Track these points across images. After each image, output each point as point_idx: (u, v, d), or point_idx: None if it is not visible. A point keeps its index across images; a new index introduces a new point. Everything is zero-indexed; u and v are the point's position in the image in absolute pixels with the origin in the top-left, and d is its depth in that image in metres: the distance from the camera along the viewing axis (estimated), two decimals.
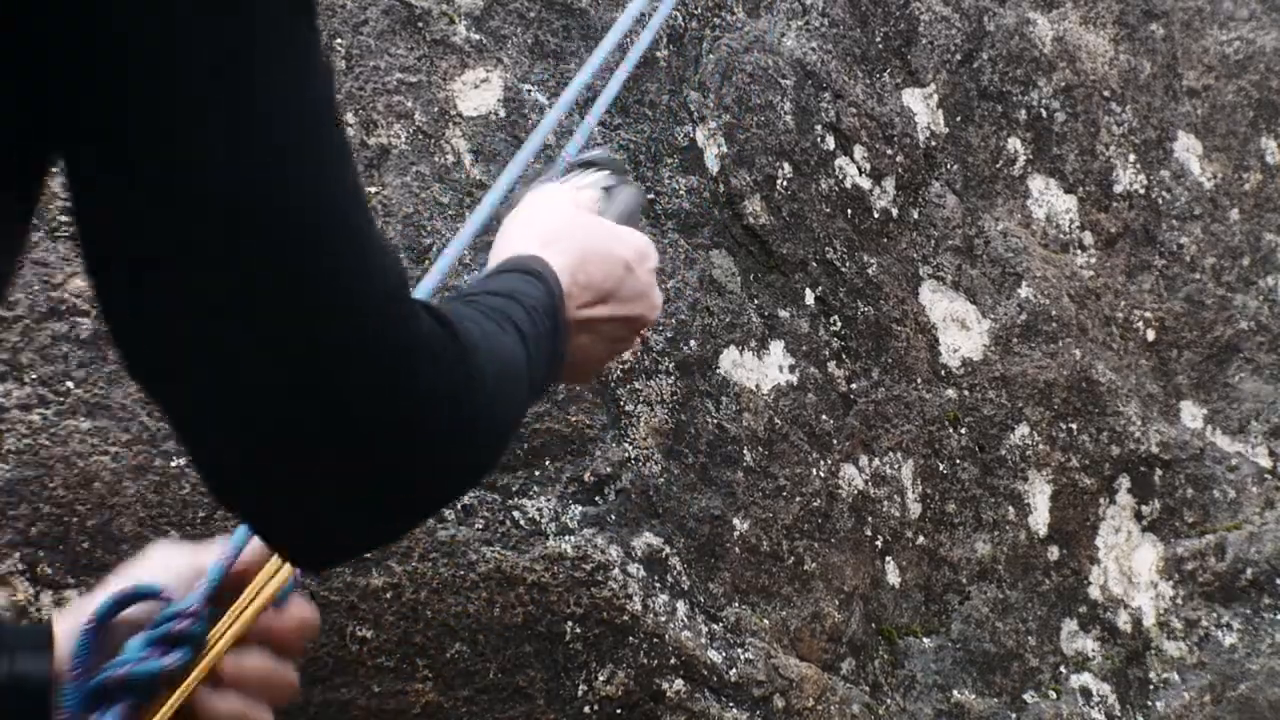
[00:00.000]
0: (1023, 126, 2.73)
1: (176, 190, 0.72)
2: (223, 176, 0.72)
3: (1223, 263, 2.92)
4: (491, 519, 1.87)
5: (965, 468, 2.47)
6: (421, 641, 1.81)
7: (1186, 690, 2.64)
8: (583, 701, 1.91)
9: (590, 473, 1.96)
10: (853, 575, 2.26)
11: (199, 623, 1.09)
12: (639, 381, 2.03)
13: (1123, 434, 2.68)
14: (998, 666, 2.44)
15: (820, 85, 2.40)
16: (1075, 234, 2.76)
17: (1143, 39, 2.94)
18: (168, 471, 1.74)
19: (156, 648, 1.07)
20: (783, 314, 2.26)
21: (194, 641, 1.08)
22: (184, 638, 1.08)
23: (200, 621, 1.09)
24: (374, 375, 0.81)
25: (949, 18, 2.65)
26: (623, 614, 1.93)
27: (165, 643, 1.07)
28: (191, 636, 1.08)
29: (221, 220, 0.73)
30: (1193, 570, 2.72)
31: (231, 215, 0.73)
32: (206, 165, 0.72)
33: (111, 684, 1.04)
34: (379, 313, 0.81)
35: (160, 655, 1.06)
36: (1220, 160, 2.97)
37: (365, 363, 0.80)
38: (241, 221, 0.74)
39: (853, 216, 2.41)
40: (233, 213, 0.73)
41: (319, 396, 0.79)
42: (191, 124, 0.71)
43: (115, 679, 1.04)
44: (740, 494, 2.12)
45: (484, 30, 2.06)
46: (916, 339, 2.46)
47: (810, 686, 2.13)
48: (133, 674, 1.05)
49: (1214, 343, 2.88)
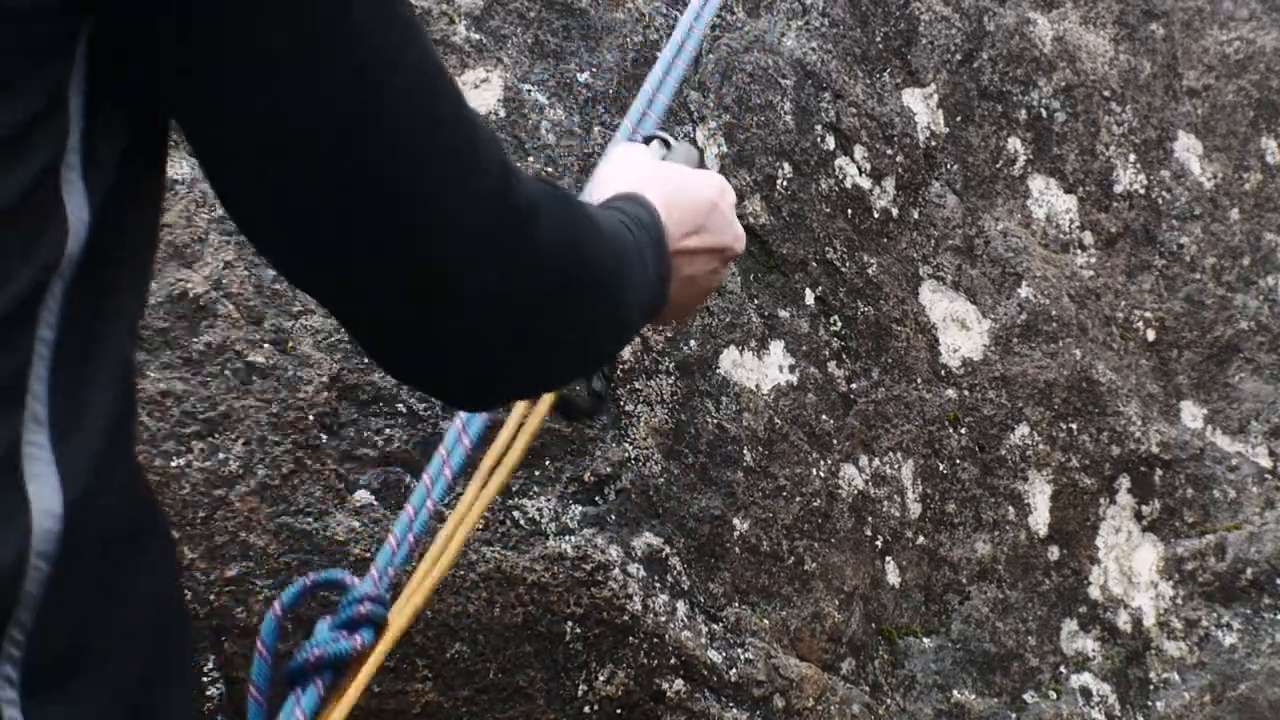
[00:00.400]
0: (1023, 126, 2.73)
1: (319, 70, 0.82)
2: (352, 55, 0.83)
3: (1223, 263, 2.92)
4: (491, 519, 1.87)
5: (965, 468, 2.47)
6: (421, 641, 1.81)
7: (1186, 690, 2.64)
8: (583, 701, 1.91)
9: (590, 473, 1.96)
10: (853, 575, 2.26)
11: (379, 607, 1.21)
12: (639, 381, 2.03)
13: (1123, 434, 2.68)
14: (998, 666, 2.44)
15: (820, 85, 2.40)
16: (1075, 234, 2.76)
17: (1143, 39, 2.94)
18: (168, 471, 1.73)
19: (344, 630, 1.18)
20: (783, 314, 2.26)
21: (377, 623, 1.20)
22: (368, 619, 1.19)
23: (380, 605, 1.21)
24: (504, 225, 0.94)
25: (949, 18, 2.65)
26: (623, 614, 1.93)
27: (351, 625, 1.18)
28: (374, 618, 1.20)
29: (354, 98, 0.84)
30: (1193, 570, 2.72)
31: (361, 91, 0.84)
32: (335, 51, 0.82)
33: (309, 665, 1.15)
34: (500, 172, 0.94)
35: (348, 636, 1.17)
36: (1220, 160, 2.97)
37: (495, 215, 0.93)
38: (370, 97, 0.85)
39: (853, 216, 2.41)
40: (361, 88, 0.84)
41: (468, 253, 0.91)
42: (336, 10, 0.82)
43: (311, 660, 1.15)
44: (740, 494, 2.12)
45: (484, 30, 2.06)
46: (916, 339, 2.46)
47: (810, 686, 2.13)
48: (327, 654, 1.16)
49: (1214, 343, 2.88)
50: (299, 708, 1.13)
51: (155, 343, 1.75)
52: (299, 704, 1.13)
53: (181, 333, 1.77)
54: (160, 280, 1.76)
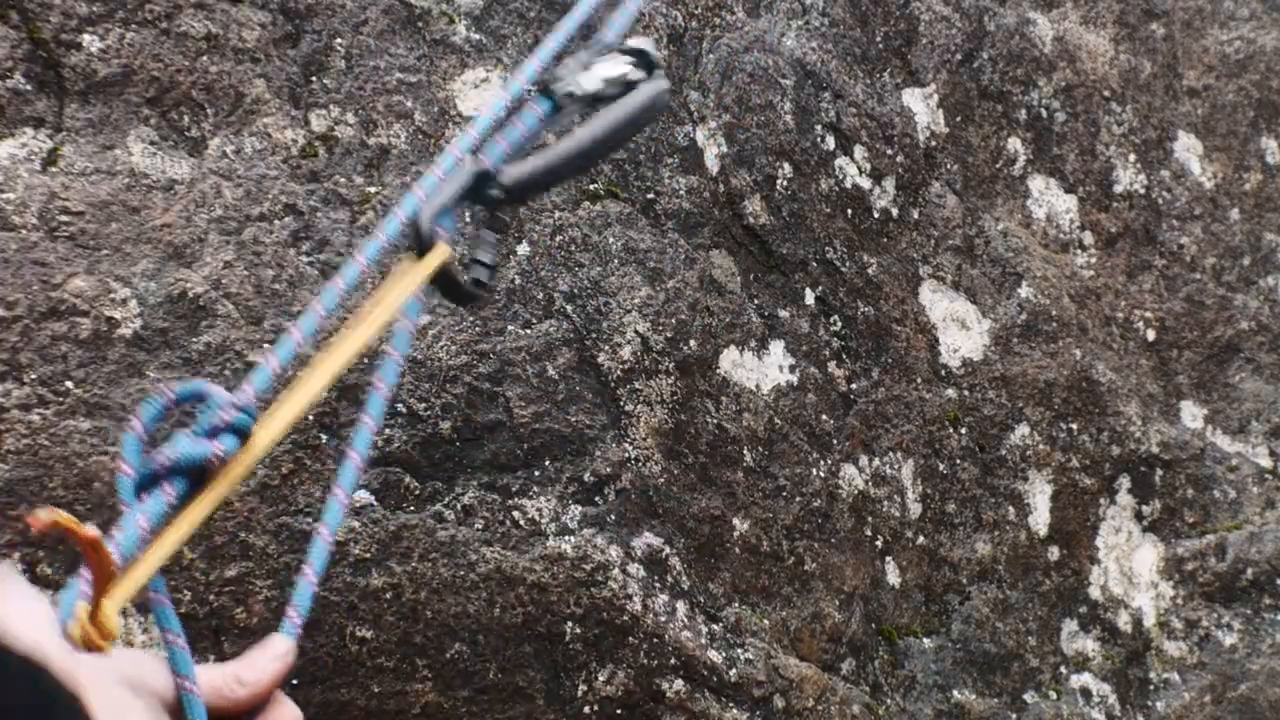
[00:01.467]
0: (1023, 126, 2.73)
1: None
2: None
3: (1223, 263, 2.92)
4: (491, 519, 1.87)
5: (965, 468, 2.47)
6: (421, 641, 1.80)
7: (1186, 690, 2.64)
8: (583, 701, 1.91)
9: (590, 473, 1.96)
10: (853, 575, 2.26)
11: (244, 415, 1.11)
12: (639, 381, 2.03)
13: (1123, 434, 2.68)
14: (998, 666, 2.44)
15: (820, 85, 2.40)
16: (1075, 234, 2.76)
17: (1143, 39, 2.94)
18: None
19: (204, 436, 1.08)
20: (783, 314, 2.26)
21: (241, 431, 1.10)
22: (230, 427, 1.10)
23: (246, 414, 1.11)
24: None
25: (949, 18, 2.65)
26: (623, 614, 1.93)
27: (213, 431, 1.09)
28: (238, 426, 1.10)
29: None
30: (1193, 570, 2.72)
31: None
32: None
33: (160, 470, 1.05)
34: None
35: (207, 442, 1.08)
36: (1220, 160, 2.97)
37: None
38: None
39: (853, 216, 2.41)
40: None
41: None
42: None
43: (165, 464, 1.06)
44: (740, 494, 2.12)
45: (484, 30, 2.06)
46: (916, 339, 2.46)
47: (810, 686, 2.13)
48: (182, 458, 1.06)
49: (1214, 343, 2.88)
50: (143, 514, 1.03)
51: (155, 343, 1.75)
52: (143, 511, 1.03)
53: (181, 333, 1.77)
54: (160, 280, 1.76)
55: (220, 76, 1.83)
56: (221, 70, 1.83)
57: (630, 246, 2.07)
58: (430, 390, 1.85)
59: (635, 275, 2.06)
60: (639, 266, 2.07)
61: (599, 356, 2.00)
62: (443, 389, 1.86)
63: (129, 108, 1.77)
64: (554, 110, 1.53)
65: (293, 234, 1.84)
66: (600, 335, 2.01)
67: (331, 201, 1.86)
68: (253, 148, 1.84)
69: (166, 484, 1.05)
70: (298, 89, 1.89)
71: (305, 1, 1.93)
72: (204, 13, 1.84)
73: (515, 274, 1.96)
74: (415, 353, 1.86)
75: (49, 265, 1.73)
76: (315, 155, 1.88)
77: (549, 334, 1.96)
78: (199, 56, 1.82)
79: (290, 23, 1.91)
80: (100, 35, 1.77)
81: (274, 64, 1.87)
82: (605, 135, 1.47)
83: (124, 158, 1.75)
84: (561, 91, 1.53)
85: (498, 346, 1.91)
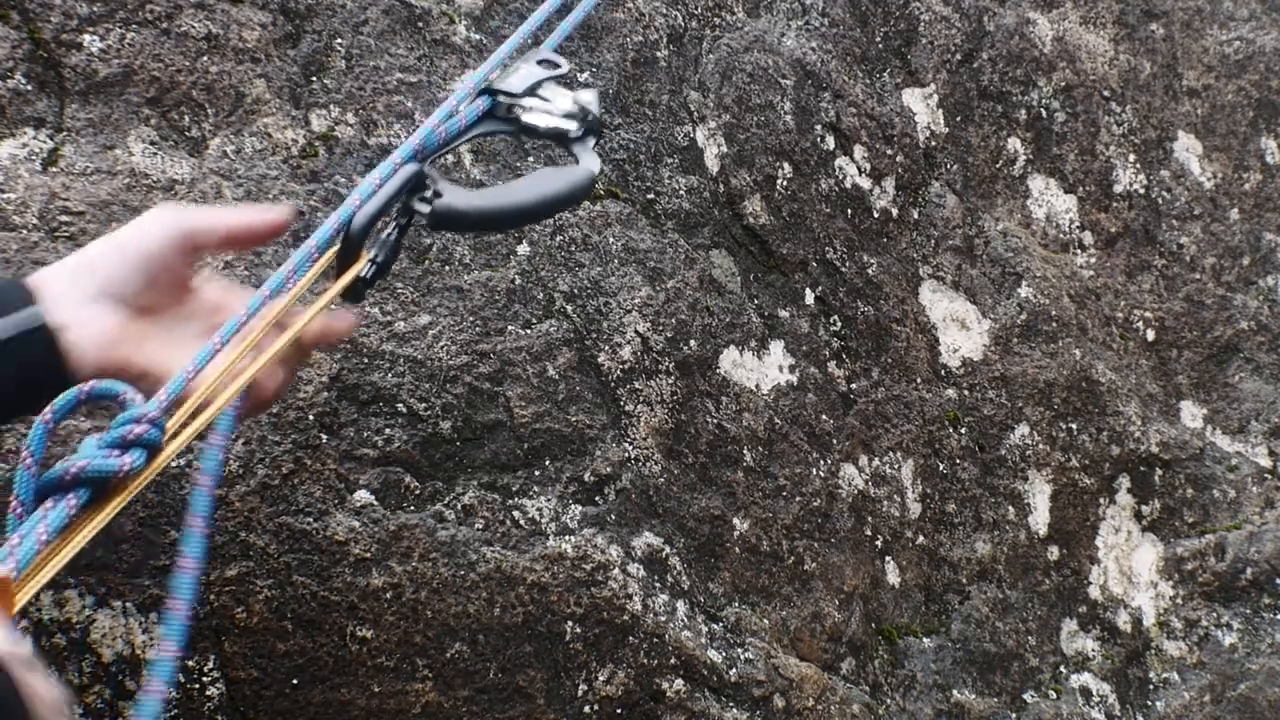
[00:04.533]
0: (1023, 126, 2.73)
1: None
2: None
3: (1223, 263, 2.92)
4: (491, 519, 1.87)
5: (965, 468, 2.47)
6: (421, 641, 1.81)
7: (1186, 690, 2.64)
8: (583, 701, 1.91)
9: (590, 473, 1.96)
10: (853, 575, 2.26)
11: (155, 430, 1.12)
12: (639, 381, 2.03)
13: (1123, 434, 2.68)
14: (998, 666, 2.44)
15: (820, 85, 2.40)
16: (1075, 234, 2.76)
17: (1143, 39, 2.94)
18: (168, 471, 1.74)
19: (114, 449, 1.10)
20: (783, 314, 2.26)
21: (150, 447, 1.12)
22: (141, 442, 1.11)
23: (157, 429, 1.13)
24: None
25: (949, 18, 2.65)
26: (623, 614, 1.93)
27: (123, 445, 1.10)
28: (148, 442, 1.12)
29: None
30: (1193, 570, 2.72)
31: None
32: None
33: (68, 478, 1.07)
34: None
35: (117, 456, 1.09)
36: (1220, 160, 2.97)
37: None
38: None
39: (853, 216, 2.41)
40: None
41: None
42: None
43: (71, 473, 1.07)
44: (740, 494, 2.12)
45: (484, 30, 2.06)
46: (916, 339, 2.46)
47: (810, 686, 2.13)
48: (89, 470, 1.08)
49: (1214, 343, 2.88)
50: (44, 523, 1.04)
51: None
52: (45, 519, 1.04)
53: None
54: None
55: (220, 76, 1.83)
56: (222, 70, 1.83)
57: (630, 246, 2.07)
58: (430, 390, 1.85)
59: (635, 275, 2.06)
60: (639, 266, 2.07)
61: (599, 356, 2.00)
62: (443, 389, 1.86)
63: (129, 108, 1.77)
64: (491, 107, 1.56)
65: (293, 234, 1.84)
66: (600, 335, 2.01)
67: (332, 201, 1.86)
68: (253, 148, 1.84)
69: (70, 494, 1.07)
70: (298, 89, 1.89)
71: (305, 2, 1.93)
72: (204, 13, 1.84)
73: (515, 274, 1.96)
74: (415, 353, 1.86)
75: (50, 265, 1.73)
76: (315, 155, 1.88)
77: (549, 334, 1.96)
78: (199, 57, 1.82)
79: (290, 23, 1.91)
80: (101, 35, 1.77)
81: (274, 64, 1.88)
82: (533, 208, 1.51)
83: (124, 158, 1.75)
84: (498, 88, 1.57)
85: (498, 346, 1.91)
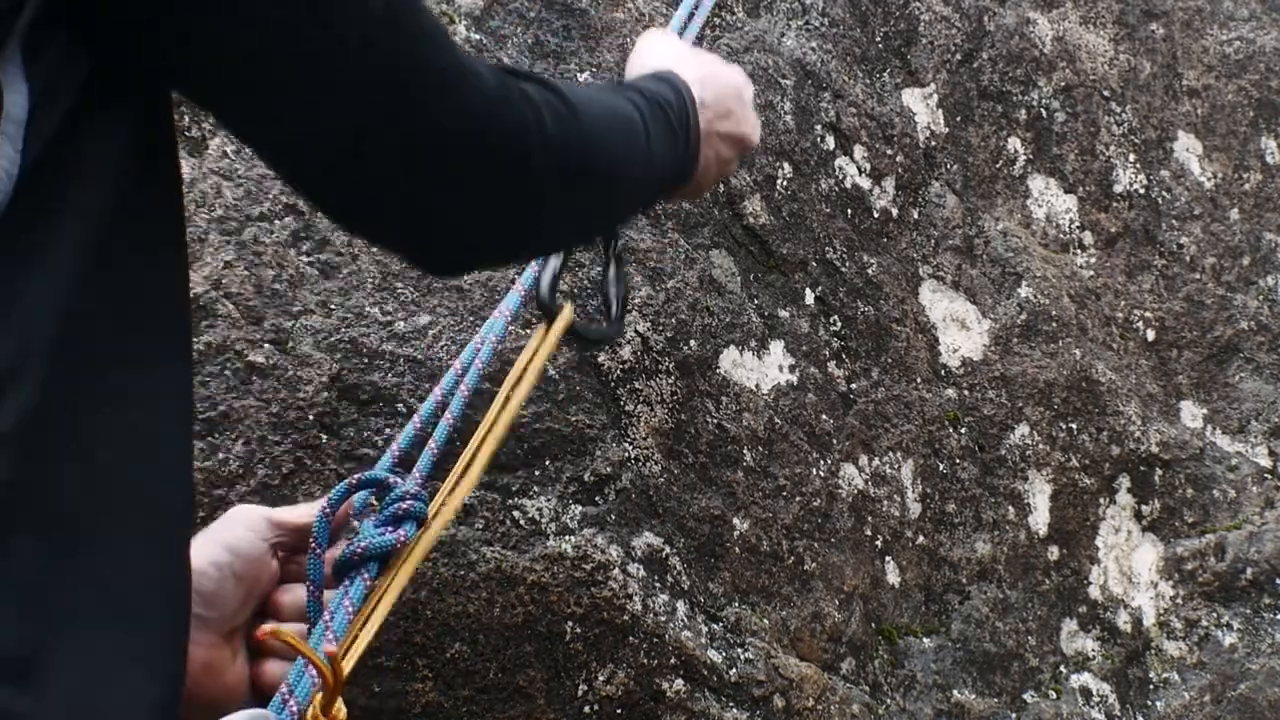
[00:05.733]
0: (1023, 126, 2.73)
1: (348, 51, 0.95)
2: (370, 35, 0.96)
3: (1223, 262, 2.92)
4: (491, 519, 1.87)
5: (965, 468, 2.47)
6: (421, 641, 1.81)
7: (1186, 690, 2.64)
8: (583, 701, 1.91)
9: (590, 473, 1.96)
10: (853, 575, 2.26)
11: (420, 502, 1.30)
12: (639, 381, 2.03)
13: (1123, 434, 2.68)
14: (998, 666, 2.44)
15: (820, 85, 2.40)
16: (1075, 234, 2.76)
17: (1143, 39, 2.94)
18: None
19: (388, 525, 1.27)
20: (783, 314, 2.26)
21: (418, 518, 1.29)
22: (409, 515, 1.29)
23: (421, 501, 1.30)
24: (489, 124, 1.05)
25: (949, 17, 2.65)
26: (623, 614, 1.93)
27: (395, 520, 1.28)
28: (415, 514, 1.29)
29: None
30: (1193, 570, 2.72)
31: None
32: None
33: (355, 558, 1.24)
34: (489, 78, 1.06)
35: (392, 531, 1.27)
36: (1220, 160, 2.97)
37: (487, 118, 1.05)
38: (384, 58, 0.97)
39: (853, 216, 2.41)
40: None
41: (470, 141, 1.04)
42: None
43: (357, 553, 1.25)
44: (740, 494, 2.12)
45: (484, 30, 2.06)
46: (916, 339, 2.46)
47: (810, 686, 2.13)
48: (372, 547, 1.25)
49: (1214, 343, 2.88)
50: (348, 597, 1.22)
51: None
52: (347, 594, 1.22)
53: None
54: None
55: None
56: None
57: (630, 246, 2.07)
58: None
59: (635, 275, 2.06)
60: (639, 266, 2.07)
61: (599, 356, 2.00)
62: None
63: None
64: None
65: (293, 234, 1.84)
66: None
67: None
68: None
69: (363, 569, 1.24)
70: None
71: None
72: None
73: (515, 274, 1.96)
74: (415, 353, 1.86)
75: None
76: None
77: None
78: None
79: None
80: None
81: None
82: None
83: None
84: None
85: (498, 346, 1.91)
